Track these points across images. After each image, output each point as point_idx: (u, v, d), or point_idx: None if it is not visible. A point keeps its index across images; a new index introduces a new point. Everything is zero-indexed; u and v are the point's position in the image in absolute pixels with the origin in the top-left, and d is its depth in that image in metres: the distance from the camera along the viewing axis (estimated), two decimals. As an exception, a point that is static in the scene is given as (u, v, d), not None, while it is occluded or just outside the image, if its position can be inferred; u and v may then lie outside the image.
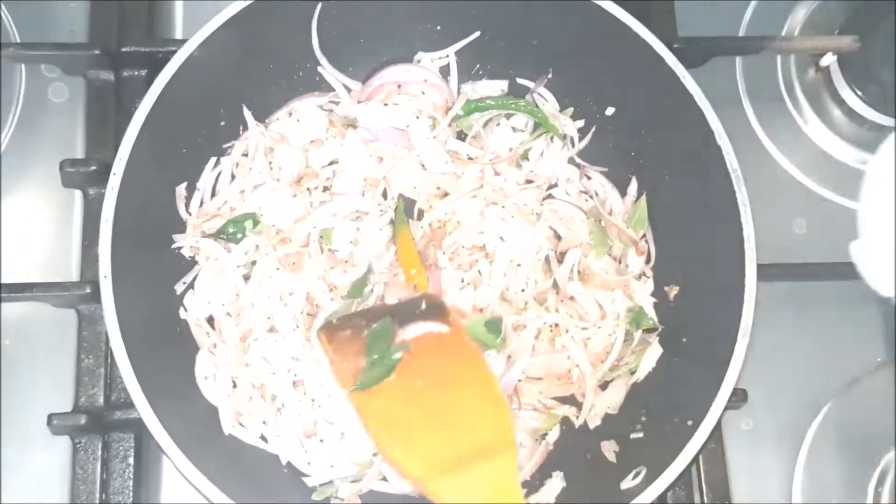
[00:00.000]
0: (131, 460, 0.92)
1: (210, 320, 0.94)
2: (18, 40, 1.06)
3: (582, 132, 1.05)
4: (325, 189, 0.99)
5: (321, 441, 0.92)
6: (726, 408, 0.84)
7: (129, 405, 0.82)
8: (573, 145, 1.05)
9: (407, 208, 1.00)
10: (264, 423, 0.91)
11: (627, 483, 0.86)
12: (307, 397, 0.92)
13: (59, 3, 1.08)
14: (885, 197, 0.60)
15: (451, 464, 0.74)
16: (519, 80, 1.06)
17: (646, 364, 0.96)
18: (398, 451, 0.78)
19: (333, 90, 1.02)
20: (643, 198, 1.01)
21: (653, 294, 0.99)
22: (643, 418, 0.93)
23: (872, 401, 1.04)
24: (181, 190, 0.95)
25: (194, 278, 0.95)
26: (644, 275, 1.01)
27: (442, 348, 0.84)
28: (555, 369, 0.96)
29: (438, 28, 1.03)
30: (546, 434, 0.95)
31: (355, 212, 0.97)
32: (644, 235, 1.02)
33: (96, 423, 0.91)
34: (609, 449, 0.92)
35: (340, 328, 0.87)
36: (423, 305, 0.88)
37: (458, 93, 1.05)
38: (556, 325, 0.96)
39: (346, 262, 0.96)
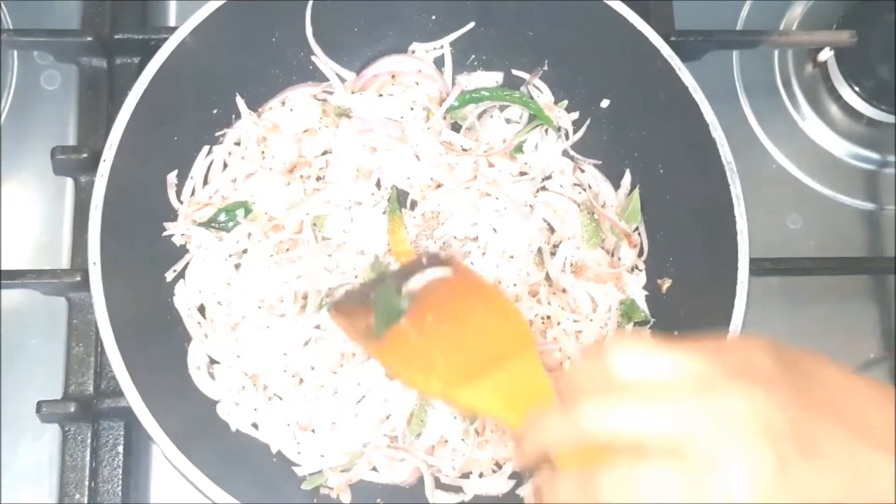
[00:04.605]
0: (121, 448, 0.91)
1: (202, 309, 0.94)
2: (11, 27, 1.05)
3: (576, 124, 1.05)
4: (319, 179, 0.99)
5: (312, 431, 0.92)
6: (717, 401, 0.84)
7: (119, 393, 0.82)
8: (567, 137, 1.05)
9: (400, 199, 0.99)
10: (255, 409, 0.91)
11: (617, 476, 0.85)
12: (299, 388, 0.92)
13: (52, -11, 1.08)
14: None
15: (473, 373, 0.71)
16: (514, 72, 1.05)
17: (637, 357, 0.96)
18: (418, 376, 0.76)
19: (327, 80, 1.02)
20: (636, 190, 1.01)
21: (645, 287, 0.99)
22: (634, 411, 0.93)
23: (865, 397, 1.04)
24: (172, 178, 0.95)
25: (185, 266, 0.94)
26: (636, 268, 1.01)
27: (449, 288, 0.84)
28: (546, 361, 0.96)
29: (433, 18, 1.03)
30: (537, 426, 0.95)
31: (349, 200, 0.97)
32: (637, 228, 1.01)
33: (86, 411, 0.90)
34: (599, 441, 0.92)
35: (348, 301, 0.88)
36: (425, 260, 0.88)
37: (453, 84, 1.04)
38: (548, 317, 0.96)
39: (339, 248, 0.96)
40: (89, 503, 0.89)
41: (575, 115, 1.05)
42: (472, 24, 1.02)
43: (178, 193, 0.96)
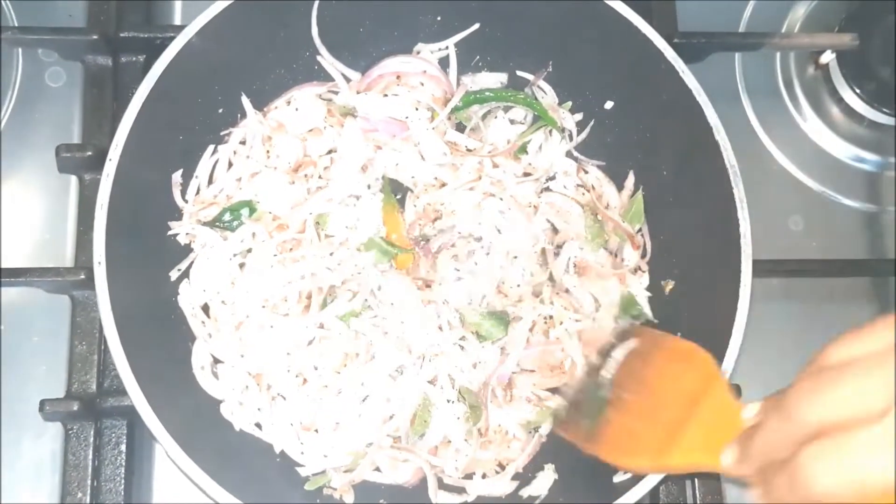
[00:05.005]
0: (123, 447, 0.91)
1: (206, 308, 0.94)
2: (16, 24, 1.05)
3: (580, 125, 1.05)
4: (321, 177, 0.99)
5: (315, 431, 0.92)
6: (720, 403, 0.84)
7: (122, 392, 0.82)
8: (571, 139, 1.05)
9: (394, 188, 0.99)
10: (259, 409, 0.91)
11: (620, 477, 0.86)
12: (303, 388, 0.92)
13: (58, -13, 1.08)
14: None
15: (672, 434, 0.73)
16: (518, 73, 1.05)
17: (640, 358, 0.96)
18: (628, 459, 0.80)
19: (332, 80, 1.02)
20: (640, 192, 1.01)
21: (648, 288, 0.99)
22: (637, 412, 0.93)
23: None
24: (177, 177, 0.95)
25: (189, 265, 0.94)
26: (639, 269, 1.01)
27: (637, 359, 0.83)
28: (548, 360, 0.96)
29: (438, 19, 1.03)
30: (539, 426, 0.95)
31: (349, 196, 0.97)
32: (640, 229, 1.02)
33: (89, 409, 0.90)
34: (602, 442, 0.92)
35: (565, 410, 0.90)
36: (614, 339, 0.87)
37: (458, 84, 1.04)
38: (551, 317, 0.96)
39: (342, 245, 0.96)
40: (91, 502, 0.89)
41: (579, 117, 1.05)
42: (476, 26, 1.03)
43: (183, 192, 0.96)
